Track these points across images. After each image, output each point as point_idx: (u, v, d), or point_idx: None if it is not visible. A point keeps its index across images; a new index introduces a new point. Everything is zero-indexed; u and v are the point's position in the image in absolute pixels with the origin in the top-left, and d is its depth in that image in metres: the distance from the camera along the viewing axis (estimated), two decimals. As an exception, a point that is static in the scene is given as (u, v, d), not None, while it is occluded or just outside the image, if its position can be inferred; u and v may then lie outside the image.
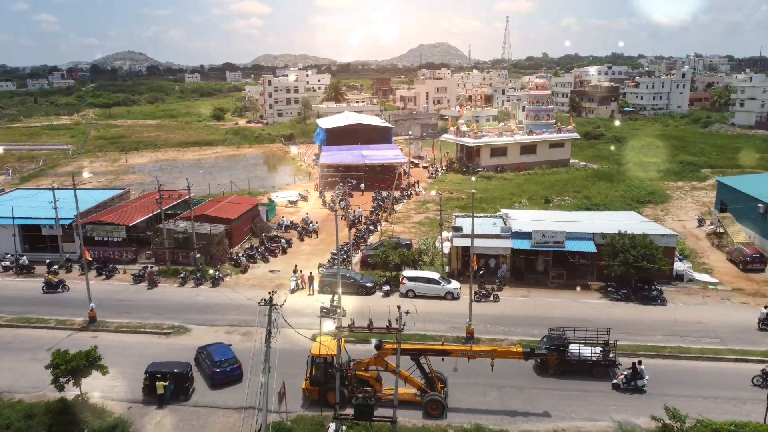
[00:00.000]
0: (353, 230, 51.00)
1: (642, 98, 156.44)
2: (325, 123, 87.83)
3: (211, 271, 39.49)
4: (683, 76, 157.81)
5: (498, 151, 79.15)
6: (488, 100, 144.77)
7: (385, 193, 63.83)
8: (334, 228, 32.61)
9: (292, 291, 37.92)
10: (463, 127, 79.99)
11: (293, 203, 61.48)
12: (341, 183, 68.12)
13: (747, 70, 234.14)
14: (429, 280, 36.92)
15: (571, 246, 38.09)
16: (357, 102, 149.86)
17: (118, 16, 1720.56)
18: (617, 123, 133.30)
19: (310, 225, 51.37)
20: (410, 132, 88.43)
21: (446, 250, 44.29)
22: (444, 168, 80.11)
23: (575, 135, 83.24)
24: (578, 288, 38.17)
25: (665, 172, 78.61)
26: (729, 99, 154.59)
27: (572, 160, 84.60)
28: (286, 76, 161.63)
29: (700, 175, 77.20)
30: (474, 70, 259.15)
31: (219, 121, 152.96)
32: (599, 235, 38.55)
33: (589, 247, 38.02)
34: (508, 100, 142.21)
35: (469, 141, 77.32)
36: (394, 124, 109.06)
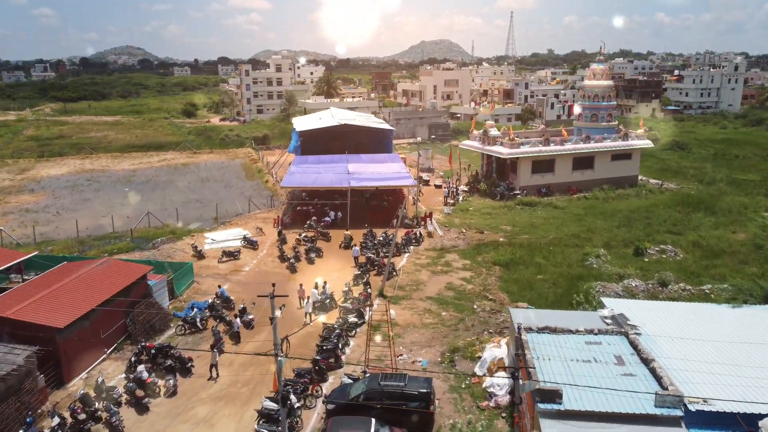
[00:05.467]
0: (320, 326, 27.89)
1: (687, 95, 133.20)
2: (301, 124, 64.45)
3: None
4: (736, 69, 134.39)
5: (542, 165, 55.82)
6: (508, 95, 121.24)
7: (380, 236, 40.55)
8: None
9: None
10: (493, 131, 56.56)
11: (232, 257, 37.94)
12: (314, 217, 44.78)
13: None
14: None
15: None
16: (353, 97, 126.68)
17: (118, 10, 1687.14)
18: (655, 118, 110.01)
19: (243, 315, 28.06)
20: (418, 138, 64.63)
21: (498, 392, 21.53)
22: (466, 188, 56.79)
23: (647, 142, 59.80)
24: None
25: (779, 197, 55.41)
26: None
27: (640, 177, 61.34)
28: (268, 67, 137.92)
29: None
30: (484, 63, 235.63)
31: (189, 118, 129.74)
32: None
33: None
34: (531, 96, 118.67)
35: (503, 151, 53.92)
36: (395, 124, 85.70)
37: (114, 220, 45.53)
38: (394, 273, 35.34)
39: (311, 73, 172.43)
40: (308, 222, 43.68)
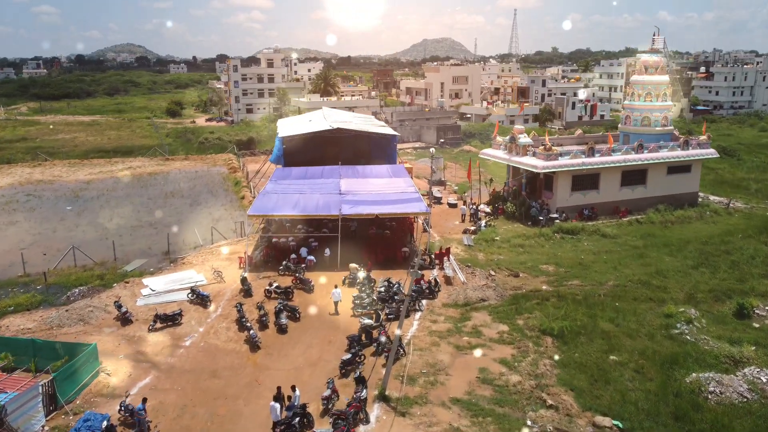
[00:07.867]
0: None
1: (717, 93, 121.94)
2: (286, 127, 53.24)
3: None
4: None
5: (584, 180, 44.59)
6: (522, 93, 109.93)
7: (381, 287, 29.28)
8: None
9: None
10: (523, 138, 45.29)
11: (169, 322, 26.61)
12: (294, 255, 33.58)
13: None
14: None
15: None
16: (352, 95, 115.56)
17: (119, 8, 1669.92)
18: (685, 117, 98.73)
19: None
20: (432, 149, 53.17)
21: None
22: (488, 208, 45.54)
23: (712, 152, 48.51)
24: None
25: None
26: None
27: (699, 194, 50.21)
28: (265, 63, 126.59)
29: None
30: (491, 60, 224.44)
31: (173, 118, 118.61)
32: None
33: None
34: (549, 95, 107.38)
35: (537, 163, 42.63)
36: (398, 126, 74.78)
37: (28, 257, 34.39)
38: (401, 351, 24.19)
39: (309, 70, 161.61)
40: (284, 263, 32.52)
